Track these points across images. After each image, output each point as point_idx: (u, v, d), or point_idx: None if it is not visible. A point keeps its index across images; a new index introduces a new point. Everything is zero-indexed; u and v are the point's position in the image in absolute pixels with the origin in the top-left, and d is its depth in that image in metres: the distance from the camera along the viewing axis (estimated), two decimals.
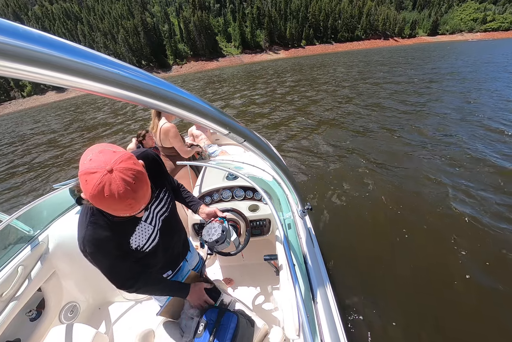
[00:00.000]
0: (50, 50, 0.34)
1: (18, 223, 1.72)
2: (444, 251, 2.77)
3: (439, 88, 10.48)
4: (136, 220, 1.00)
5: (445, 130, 5.95)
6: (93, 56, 0.40)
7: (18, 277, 1.52)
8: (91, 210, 0.91)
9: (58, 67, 0.36)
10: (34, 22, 77.24)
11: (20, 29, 0.32)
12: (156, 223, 1.08)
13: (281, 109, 10.13)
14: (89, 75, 0.40)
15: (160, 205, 1.10)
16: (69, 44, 0.38)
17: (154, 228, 1.06)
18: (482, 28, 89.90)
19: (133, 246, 1.00)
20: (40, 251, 1.73)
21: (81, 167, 0.70)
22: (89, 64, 0.39)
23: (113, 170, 0.69)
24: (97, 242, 0.89)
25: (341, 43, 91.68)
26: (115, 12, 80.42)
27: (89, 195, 0.69)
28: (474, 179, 3.92)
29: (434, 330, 2.09)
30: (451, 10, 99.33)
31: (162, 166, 1.15)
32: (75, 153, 8.67)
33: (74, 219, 1.81)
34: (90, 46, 70.94)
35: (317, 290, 1.16)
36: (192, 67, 75.87)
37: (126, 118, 13.52)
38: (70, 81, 0.39)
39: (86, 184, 0.68)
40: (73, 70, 0.37)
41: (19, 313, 1.47)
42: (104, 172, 0.68)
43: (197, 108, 0.60)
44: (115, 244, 0.93)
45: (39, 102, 55.83)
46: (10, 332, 1.37)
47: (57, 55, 0.35)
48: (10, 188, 6.62)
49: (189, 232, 1.98)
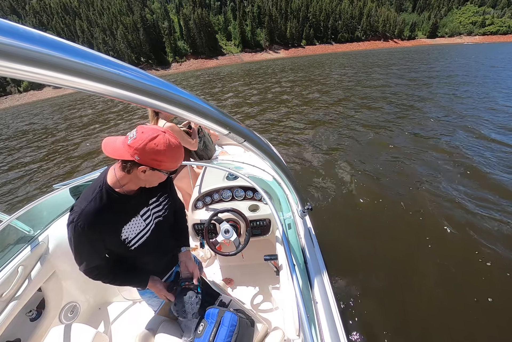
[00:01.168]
0: (50, 50, 0.34)
1: (18, 223, 1.71)
2: (447, 251, 2.80)
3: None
4: (138, 208, 1.07)
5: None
6: (93, 56, 0.40)
7: (18, 277, 1.52)
8: (100, 188, 0.95)
9: (58, 67, 0.36)
10: (31, 16, 76.30)
11: (20, 29, 0.32)
12: (150, 223, 1.12)
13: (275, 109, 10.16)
14: (89, 75, 0.40)
15: (158, 208, 1.16)
16: (70, 44, 0.38)
17: (147, 226, 1.10)
18: (480, 31, 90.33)
19: (122, 236, 1.02)
20: (40, 251, 1.72)
21: (137, 141, 0.84)
22: (89, 64, 0.39)
23: (166, 132, 0.90)
24: (94, 218, 0.91)
25: (341, 44, 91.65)
26: (114, 7, 79.63)
27: (163, 151, 0.86)
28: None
29: (435, 330, 2.11)
30: (451, 12, 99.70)
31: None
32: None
33: None
34: (88, 42, 70.91)
35: (317, 290, 1.16)
36: (192, 64, 75.50)
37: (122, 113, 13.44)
38: (70, 81, 0.39)
39: (156, 147, 0.85)
40: (73, 70, 0.37)
41: (19, 313, 1.46)
42: (163, 134, 0.87)
43: (197, 108, 0.60)
44: (108, 228, 0.97)
45: (36, 98, 55.27)
46: (10, 332, 1.36)
47: (57, 55, 0.35)
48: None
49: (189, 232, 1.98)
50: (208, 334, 1.08)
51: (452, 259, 2.69)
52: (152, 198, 1.13)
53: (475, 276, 2.50)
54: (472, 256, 2.71)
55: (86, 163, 7.03)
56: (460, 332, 2.08)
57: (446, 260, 2.69)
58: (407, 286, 2.48)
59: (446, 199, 3.59)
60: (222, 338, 1.06)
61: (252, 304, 1.96)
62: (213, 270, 2.35)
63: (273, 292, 1.98)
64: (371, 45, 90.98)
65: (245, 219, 1.70)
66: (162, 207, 1.17)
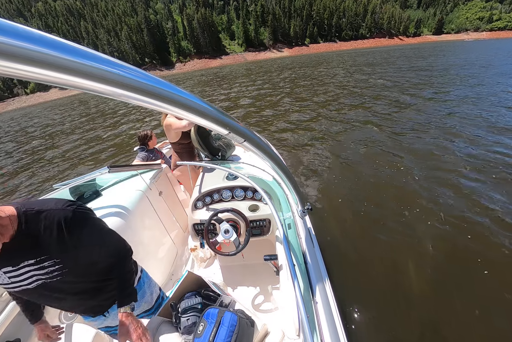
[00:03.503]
0: (50, 50, 0.34)
1: None
2: (450, 251, 2.77)
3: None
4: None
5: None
6: (93, 56, 0.40)
7: None
8: None
9: (58, 67, 0.36)
10: (37, 19, 77.30)
11: (20, 29, 0.32)
12: (26, 281, 0.93)
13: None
14: (89, 75, 0.39)
15: (38, 271, 0.92)
16: (69, 44, 0.38)
17: (21, 281, 0.92)
18: (488, 27, 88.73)
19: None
20: None
21: None
22: (89, 64, 0.39)
23: None
24: None
25: (345, 42, 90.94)
26: (118, 9, 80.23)
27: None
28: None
29: (435, 330, 2.09)
30: (457, 8, 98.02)
31: (73, 230, 0.93)
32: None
33: None
34: (93, 43, 71.50)
35: (317, 290, 1.16)
36: (196, 64, 75.73)
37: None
38: (70, 82, 0.39)
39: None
40: (74, 70, 0.37)
41: (19, 313, 1.46)
42: None
43: (197, 108, 0.60)
44: None
45: (42, 99, 56.07)
46: (10, 332, 1.37)
47: (57, 55, 0.35)
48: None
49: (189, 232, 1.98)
50: (208, 334, 1.08)
51: (454, 264, 2.66)
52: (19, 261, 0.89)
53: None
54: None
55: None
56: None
57: (450, 262, 2.67)
58: (407, 286, 2.46)
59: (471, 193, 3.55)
60: (222, 338, 1.06)
61: (252, 304, 1.96)
62: (213, 270, 2.35)
63: (273, 292, 1.98)
64: (376, 42, 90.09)
65: (245, 219, 1.70)
66: (47, 272, 0.93)
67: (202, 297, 1.35)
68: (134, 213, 1.92)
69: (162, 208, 2.33)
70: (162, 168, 2.47)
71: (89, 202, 1.95)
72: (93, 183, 2.11)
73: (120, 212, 1.85)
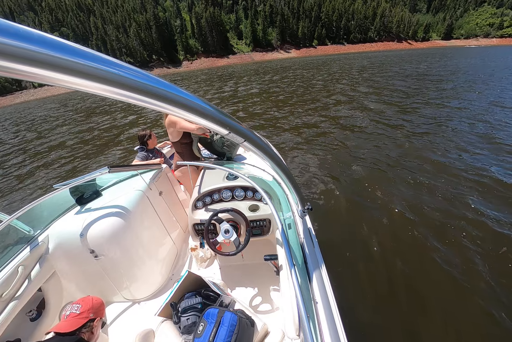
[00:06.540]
0: (50, 50, 0.34)
1: (18, 223, 1.71)
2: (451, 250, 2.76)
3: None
4: None
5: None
6: (93, 56, 0.40)
7: (18, 277, 1.52)
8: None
9: (58, 67, 0.36)
10: (47, 13, 77.97)
11: (20, 29, 0.32)
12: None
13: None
14: (89, 75, 0.40)
15: None
16: (69, 44, 0.37)
17: None
18: (498, 33, 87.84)
19: None
20: (40, 251, 1.73)
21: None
22: (89, 64, 0.39)
23: None
24: None
25: (353, 44, 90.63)
26: (128, 5, 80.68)
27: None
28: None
29: (435, 329, 2.09)
30: (467, 14, 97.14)
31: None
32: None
33: (74, 219, 1.82)
34: (102, 39, 71.76)
35: (317, 290, 1.15)
36: (203, 63, 75.85)
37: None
38: (71, 81, 0.39)
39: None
40: (74, 70, 0.37)
41: (19, 313, 1.48)
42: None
43: (197, 108, 0.60)
44: None
45: (50, 93, 56.37)
46: (10, 332, 1.38)
47: (57, 55, 0.35)
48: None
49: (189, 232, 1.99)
50: (208, 334, 1.08)
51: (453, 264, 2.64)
52: None
53: None
54: None
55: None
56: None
57: (451, 262, 2.65)
58: (408, 286, 2.45)
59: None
60: (222, 338, 1.06)
61: (252, 304, 1.95)
62: (213, 270, 2.34)
63: (273, 292, 1.97)
64: (385, 46, 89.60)
65: (245, 219, 1.69)
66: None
67: (202, 297, 1.35)
68: (134, 213, 1.92)
69: (162, 208, 2.33)
70: (162, 168, 2.47)
71: (89, 202, 1.95)
72: (93, 183, 2.11)
73: (120, 212, 1.85)
